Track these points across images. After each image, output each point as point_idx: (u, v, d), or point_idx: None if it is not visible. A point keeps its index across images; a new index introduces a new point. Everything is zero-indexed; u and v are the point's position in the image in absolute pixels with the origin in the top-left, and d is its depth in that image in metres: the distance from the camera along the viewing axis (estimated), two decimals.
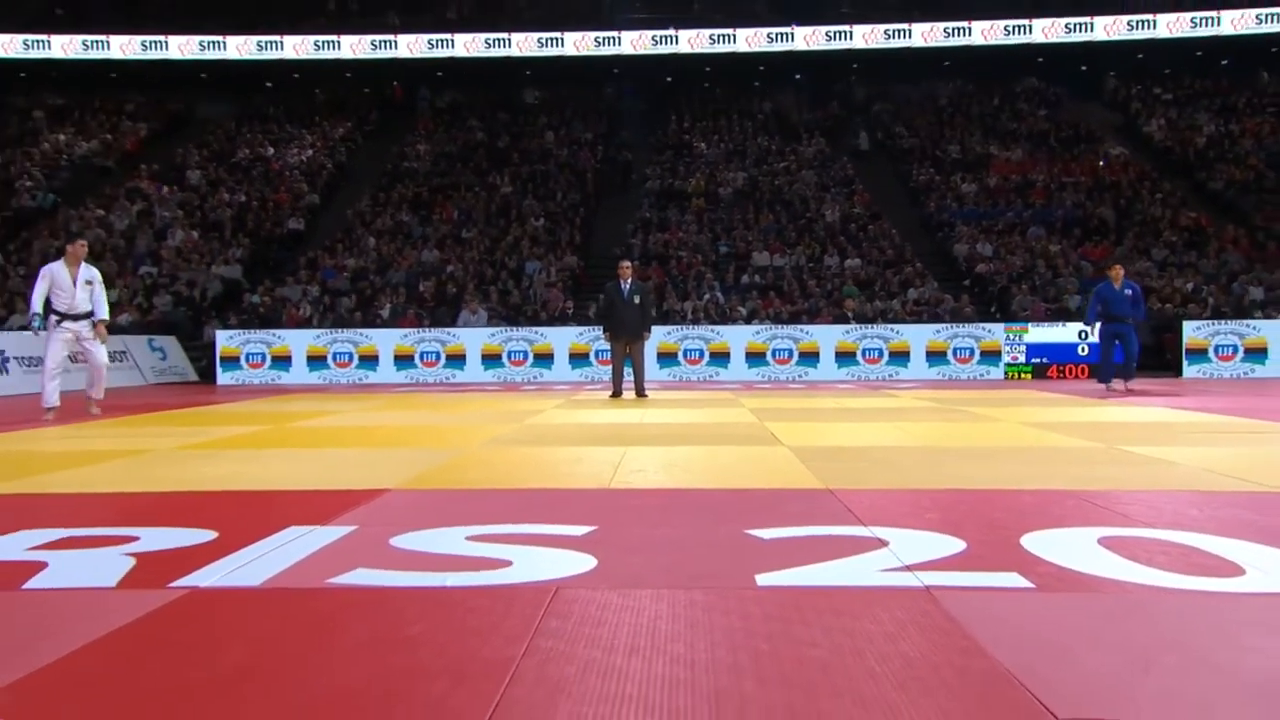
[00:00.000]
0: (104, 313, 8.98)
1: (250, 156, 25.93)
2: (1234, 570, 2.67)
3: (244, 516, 3.67)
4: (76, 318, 8.79)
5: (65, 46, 26.92)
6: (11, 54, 26.89)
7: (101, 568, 2.81)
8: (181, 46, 27.10)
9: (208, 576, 2.70)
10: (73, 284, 8.76)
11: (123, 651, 2.14)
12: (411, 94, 29.46)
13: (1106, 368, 11.69)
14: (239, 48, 27.18)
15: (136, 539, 3.18)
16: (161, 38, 27.08)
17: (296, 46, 27.30)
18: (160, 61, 27.28)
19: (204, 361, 17.30)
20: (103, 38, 26.97)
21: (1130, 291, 11.45)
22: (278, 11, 28.32)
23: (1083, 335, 15.73)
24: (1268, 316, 16.68)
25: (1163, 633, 2.19)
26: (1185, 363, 15.75)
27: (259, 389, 14.94)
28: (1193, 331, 15.88)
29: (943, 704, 1.77)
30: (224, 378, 16.39)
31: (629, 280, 10.98)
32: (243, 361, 16.48)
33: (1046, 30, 26.36)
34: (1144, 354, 16.63)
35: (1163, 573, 2.63)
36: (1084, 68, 28.25)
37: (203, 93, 28.81)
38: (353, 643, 2.18)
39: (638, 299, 10.87)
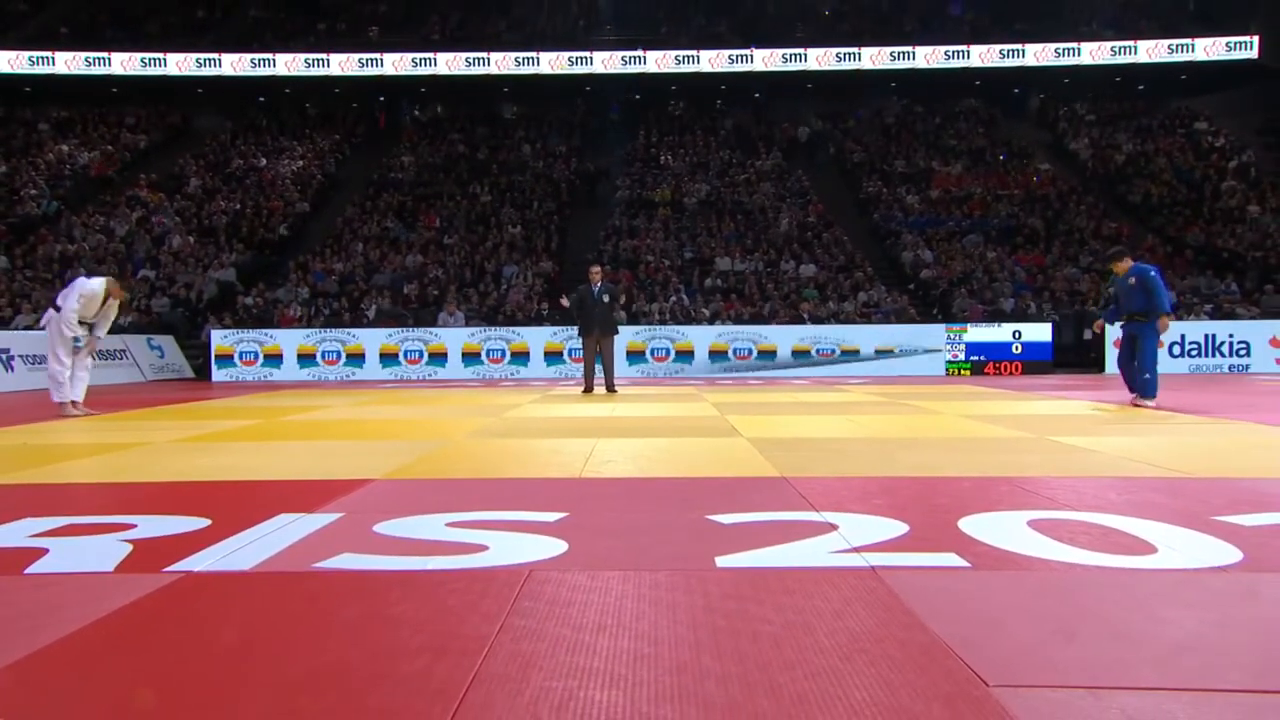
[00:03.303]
0: (104, 331, 8.72)
1: (244, 166, 25.55)
2: (1148, 549, 2.72)
3: (236, 505, 3.63)
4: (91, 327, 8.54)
5: (69, 63, 26.36)
6: (18, 69, 26.31)
7: (100, 553, 2.76)
8: (179, 63, 26.63)
9: (201, 561, 2.66)
10: (101, 310, 8.44)
11: (120, 632, 2.10)
12: (395, 113, 29.20)
13: (1126, 373, 8.73)
14: (234, 65, 26.75)
15: (134, 526, 3.13)
16: (160, 55, 26.60)
17: (288, 64, 26.92)
18: (159, 77, 26.78)
19: (200, 359, 17.05)
20: (104, 55, 26.45)
21: (1134, 279, 8.43)
22: (270, 31, 27.95)
23: (1015, 335, 15.96)
24: (1179, 318, 17.01)
25: (1085, 606, 2.22)
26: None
27: (252, 385, 14.74)
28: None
29: (885, 674, 1.78)
30: (219, 375, 16.16)
31: (599, 282, 10.99)
32: (236, 359, 16.25)
33: (983, 55, 26.67)
34: (1071, 352, 17.01)
35: (1085, 551, 2.67)
36: (1016, 90, 28.63)
37: (200, 106, 28.35)
38: (339, 622, 2.16)
39: (607, 297, 10.88)
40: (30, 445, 5.89)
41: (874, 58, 26.83)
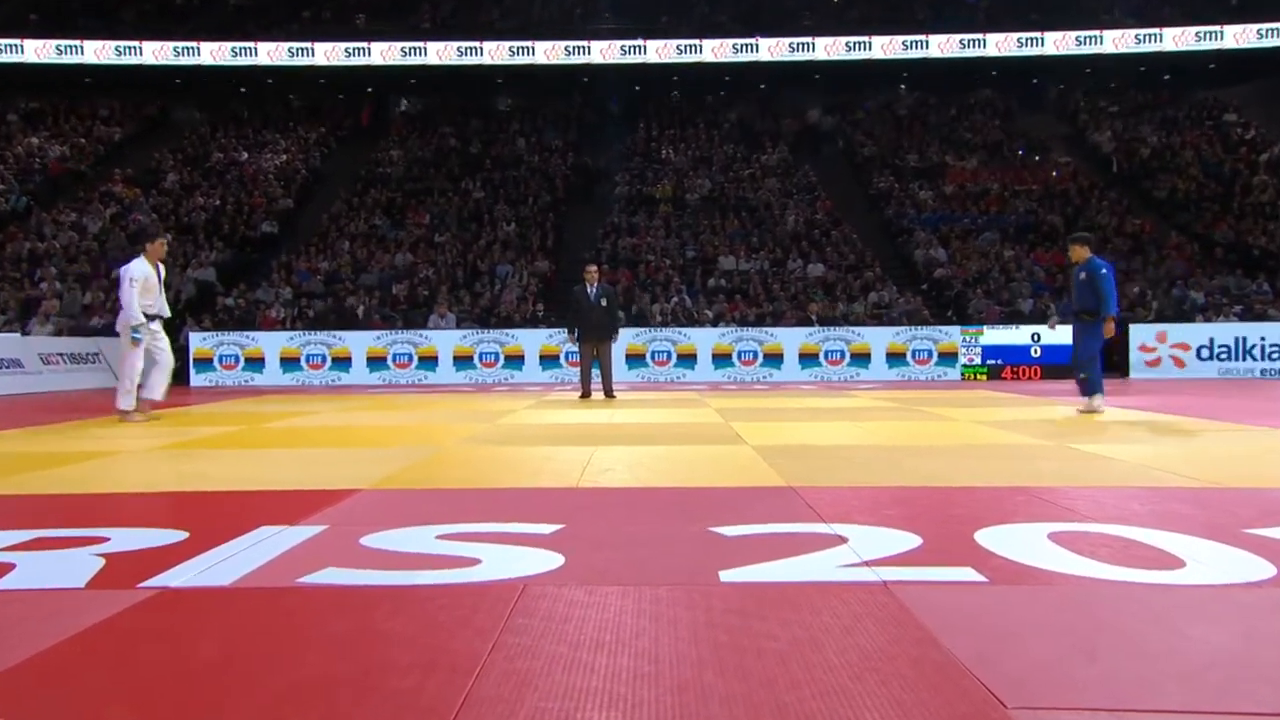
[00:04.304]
0: (168, 311, 8.52)
1: (225, 161, 25.58)
2: (1174, 563, 2.71)
3: (215, 516, 3.62)
4: (155, 318, 8.25)
5: (39, 51, 26.38)
6: None
7: (71, 568, 2.76)
8: (156, 52, 26.65)
9: (178, 576, 2.66)
10: (159, 285, 8.24)
11: (91, 650, 2.10)
12: (383, 106, 29.23)
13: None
14: (213, 54, 26.78)
15: (107, 539, 3.13)
16: (135, 43, 26.61)
17: (270, 53, 26.95)
18: (134, 67, 26.81)
19: (178, 363, 16.96)
20: (77, 43, 26.47)
21: (1085, 275, 8.34)
22: (252, 19, 27.98)
23: (1034, 338, 15.96)
24: (1207, 320, 17.03)
25: (1107, 623, 2.22)
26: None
27: (232, 390, 14.75)
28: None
29: (897, 694, 1.78)
30: (197, 379, 16.16)
31: (595, 284, 10.99)
32: (216, 363, 16.26)
33: (1000, 44, 26.70)
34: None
35: (1107, 565, 2.67)
36: (1035, 81, 28.65)
37: (178, 98, 28.37)
38: (323, 639, 2.16)
39: (604, 301, 10.89)
40: (3, 453, 5.89)
41: (885, 47, 26.88)
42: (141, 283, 8.01)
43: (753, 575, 2.61)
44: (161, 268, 8.32)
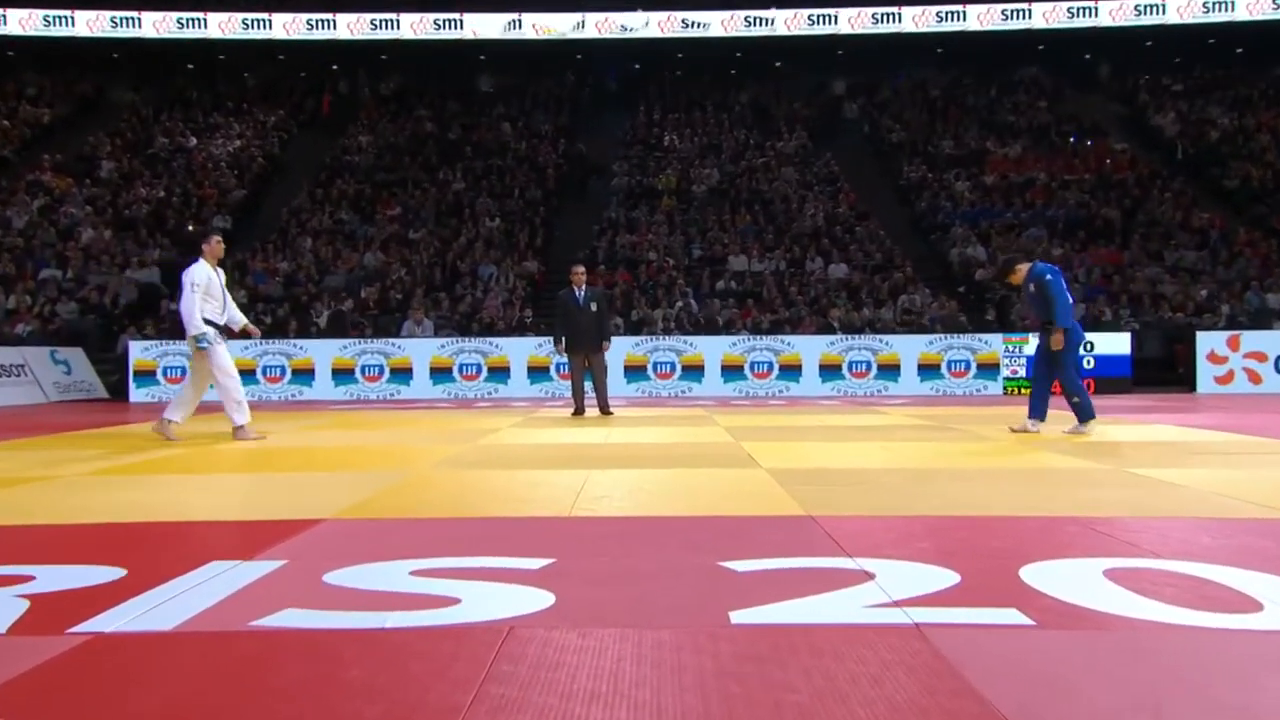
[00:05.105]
0: (239, 318, 8.56)
1: (170, 147, 25.66)
2: (1250, 605, 2.70)
3: (157, 551, 3.62)
4: (223, 329, 8.29)
5: None
6: None
7: None
8: (90, 23, 26.73)
9: (114, 620, 2.65)
10: (223, 288, 8.31)
11: (13, 707, 2.09)
12: (351, 85, 29.30)
13: (1036, 389, 8.58)
14: (156, 25, 26.89)
15: (32, 578, 3.12)
16: (67, 12, 26.64)
17: (222, 25, 27.07)
18: (66, 39, 26.88)
19: (116, 376, 17.05)
20: None
21: (1033, 286, 8.30)
22: None
23: (1087, 347, 15.94)
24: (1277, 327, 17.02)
25: (1173, 673, 2.21)
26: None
27: None
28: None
29: None
30: (138, 394, 16.15)
31: (584, 286, 11.02)
32: (160, 376, 16.25)
33: (1047, 15, 26.80)
34: (1155, 367, 16.98)
35: (1173, 607, 2.66)
36: (1087, 56, 28.73)
37: (116, 75, 28.44)
38: (280, 691, 2.15)
39: (594, 305, 10.92)
40: None
41: (916, 18, 26.98)
42: (204, 287, 8.07)
43: (768, 616, 2.61)
44: (221, 271, 8.40)
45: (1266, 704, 2.02)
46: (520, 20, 27.15)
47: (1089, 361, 15.91)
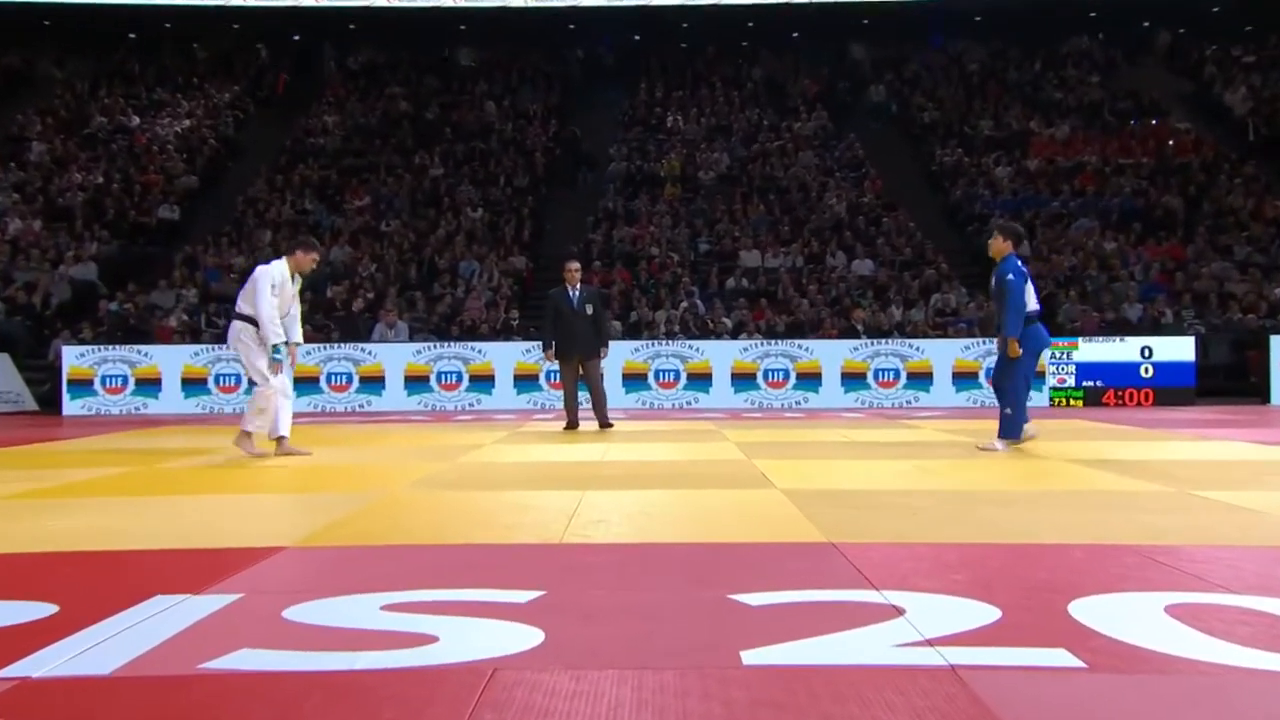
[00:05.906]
0: (299, 333, 8.60)
1: (109, 127, 25.66)
2: None
3: (94, 584, 3.62)
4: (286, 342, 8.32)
5: None
6: None
7: None
8: None
9: (43, 663, 2.64)
10: (294, 298, 8.35)
11: None
12: (315, 59, 29.31)
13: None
14: None
15: None
16: None
17: None
18: None
19: (47, 385, 17.05)
20: None
21: (994, 281, 8.35)
22: None
23: (1145, 353, 15.94)
24: None
25: None
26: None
27: (119, 420, 14.73)
28: None
29: None
30: (72, 406, 16.16)
31: (578, 286, 11.03)
32: (98, 385, 16.26)
33: None
34: (1222, 375, 16.95)
35: (1247, 649, 2.65)
36: (1146, 24, 28.72)
37: (46, 45, 28.42)
38: None
39: (590, 307, 10.93)
40: None
41: None
42: (280, 291, 8.10)
43: (784, 657, 2.61)
44: (299, 279, 8.43)
45: None
46: None
47: (1146, 370, 15.92)
